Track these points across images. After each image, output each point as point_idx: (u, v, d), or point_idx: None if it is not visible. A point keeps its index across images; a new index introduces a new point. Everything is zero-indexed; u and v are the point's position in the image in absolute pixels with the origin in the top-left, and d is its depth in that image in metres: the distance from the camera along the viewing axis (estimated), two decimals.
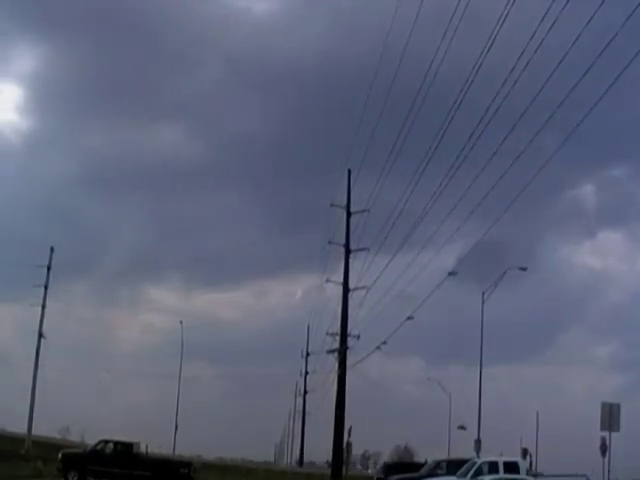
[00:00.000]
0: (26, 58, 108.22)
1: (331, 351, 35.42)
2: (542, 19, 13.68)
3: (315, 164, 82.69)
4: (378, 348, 34.48)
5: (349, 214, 35.73)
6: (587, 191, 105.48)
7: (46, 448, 40.35)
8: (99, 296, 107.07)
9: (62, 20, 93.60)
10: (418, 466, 33.60)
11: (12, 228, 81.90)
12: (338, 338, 34.76)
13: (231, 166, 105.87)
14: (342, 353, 34.28)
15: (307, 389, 70.27)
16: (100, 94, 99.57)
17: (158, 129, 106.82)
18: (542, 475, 34.88)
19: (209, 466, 44.74)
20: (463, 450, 43.68)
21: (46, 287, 46.18)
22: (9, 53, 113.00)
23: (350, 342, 34.48)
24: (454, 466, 28.88)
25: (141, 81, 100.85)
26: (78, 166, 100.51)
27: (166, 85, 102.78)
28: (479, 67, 16.59)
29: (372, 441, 77.43)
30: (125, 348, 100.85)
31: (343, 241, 35.67)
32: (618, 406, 32.03)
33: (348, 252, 35.37)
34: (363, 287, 34.34)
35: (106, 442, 31.42)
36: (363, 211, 34.91)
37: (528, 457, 41.75)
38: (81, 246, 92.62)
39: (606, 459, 31.97)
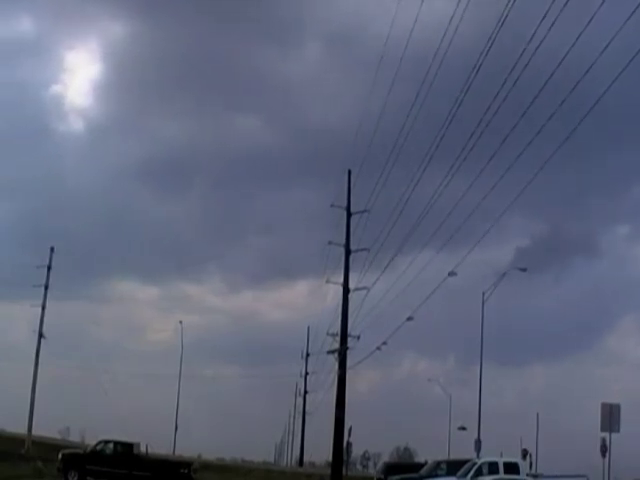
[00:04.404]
0: (108, 33, 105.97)
1: (331, 352, 35.38)
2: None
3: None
4: (378, 349, 34.36)
5: (349, 214, 35.70)
6: None
7: (46, 448, 40.37)
8: (125, 293, 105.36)
9: None
10: (418, 466, 33.59)
11: (55, 221, 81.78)
12: (338, 338, 34.74)
13: (302, 161, 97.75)
14: (342, 354, 34.26)
15: (307, 389, 70.39)
16: (183, 77, 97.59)
17: (234, 118, 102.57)
18: (542, 476, 34.87)
19: (209, 466, 44.76)
20: (464, 451, 43.65)
21: (46, 287, 46.24)
22: (93, 28, 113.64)
23: (350, 342, 34.44)
24: (454, 466, 28.87)
25: (227, 65, 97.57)
26: (142, 155, 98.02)
27: (252, 72, 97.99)
28: (482, 61, 16.50)
29: (372, 441, 77.44)
30: (136, 348, 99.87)
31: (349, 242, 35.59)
32: (618, 407, 32.06)
33: (348, 253, 35.34)
34: (363, 287, 34.29)
35: (106, 442, 31.39)
36: (363, 211, 34.88)
37: (528, 457, 41.68)
38: (125, 240, 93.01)
39: (606, 460, 32.04)
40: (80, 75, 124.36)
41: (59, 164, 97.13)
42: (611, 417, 31.45)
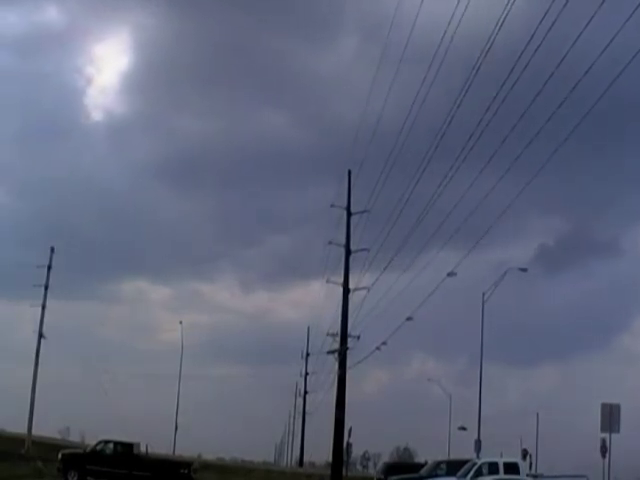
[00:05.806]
0: (137, 26, 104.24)
1: (331, 352, 35.36)
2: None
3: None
4: (378, 349, 34.33)
5: (349, 214, 35.69)
6: None
7: (46, 448, 40.32)
8: (136, 293, 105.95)
9: None
10: (418, 466, 33.59)
11: (66, 219, 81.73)
12: (338, 339, 34.71)
13: (320, 159, 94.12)
14: (342, 354, 34.25)
15: (307, 389, 70.40)
16: (214, 70, 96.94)
17: (259, 115, 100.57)
18: (542, 476, 34.85)
19: (209, 466, 44.73)
20: (464, 451, 43.62)
21: (46, 287, 46.15)
22: (122, 20, 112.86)
23: (350, 343, 34.42)
24: (454, 467, 28.85)
25: (257, 61, 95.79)
26: (162, 152, 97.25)
27: (284, 64, 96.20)
28: (482, 61, 16.48)
29: (372, 442, 77.44)
30: (145, 348, 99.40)
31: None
32: (618, 407, 32.06)
33: (348, 253, 35.34)
34: (364, 288, 34.27)
35: (106, 442, 31.38)
36: (364, 211, 34.86)
37: (528, 458, 41.66)
38: (137, 240, 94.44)
39: (606, 460, 32.04)
40: (107, 68, 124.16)
41: (76, 161, 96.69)
42: (611, 417, 31.45)
